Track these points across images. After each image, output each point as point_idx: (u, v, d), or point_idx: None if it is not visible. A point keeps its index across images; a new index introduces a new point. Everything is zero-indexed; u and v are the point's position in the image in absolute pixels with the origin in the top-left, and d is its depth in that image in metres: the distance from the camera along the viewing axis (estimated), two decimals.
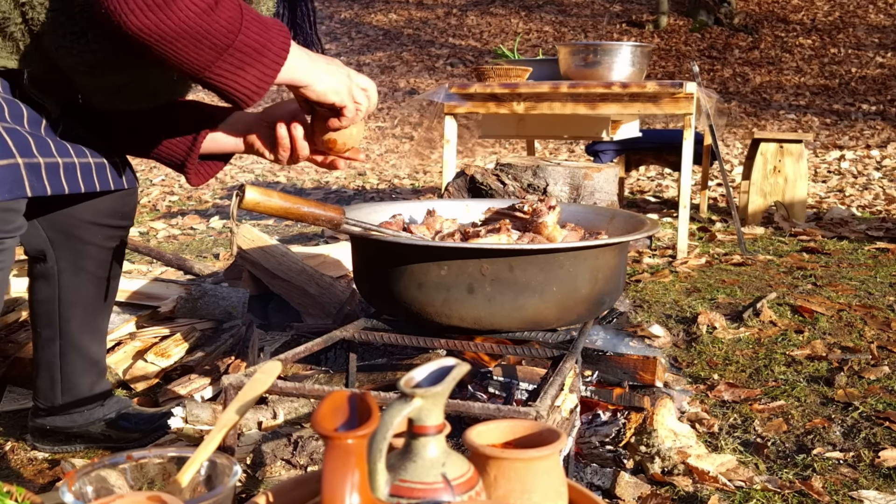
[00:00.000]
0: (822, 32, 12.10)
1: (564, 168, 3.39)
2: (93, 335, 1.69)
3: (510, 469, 0.80)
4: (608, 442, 1.63)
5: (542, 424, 0.86)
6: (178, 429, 1.57)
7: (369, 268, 1.64)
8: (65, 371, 1.68)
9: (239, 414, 0.98)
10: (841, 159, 7.31)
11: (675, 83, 3.51)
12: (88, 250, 1.62)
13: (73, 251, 1.61)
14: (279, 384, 1.30)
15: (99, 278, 1.65)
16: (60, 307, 1.64)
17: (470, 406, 1.20)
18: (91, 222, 1.60)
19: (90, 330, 1.69)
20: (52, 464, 1.71)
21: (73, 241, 1.60)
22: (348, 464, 0.69)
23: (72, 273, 1.62)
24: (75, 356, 1.68)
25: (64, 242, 1.60)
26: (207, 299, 2.33)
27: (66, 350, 1.67)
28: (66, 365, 1.68)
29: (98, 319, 1.70)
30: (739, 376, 2.20)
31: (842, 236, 4.15)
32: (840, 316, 2.66)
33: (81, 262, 1.62)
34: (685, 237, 3.64)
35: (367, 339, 1.62)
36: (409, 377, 0.78)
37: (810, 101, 10.09)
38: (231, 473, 0.85)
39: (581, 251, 1.51)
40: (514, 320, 1.51)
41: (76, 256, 1.61)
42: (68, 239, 1.60)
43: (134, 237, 4.29)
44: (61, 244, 1.60)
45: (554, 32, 12.88)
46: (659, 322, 2.59)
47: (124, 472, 0.87)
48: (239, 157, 8.15)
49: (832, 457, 1.72)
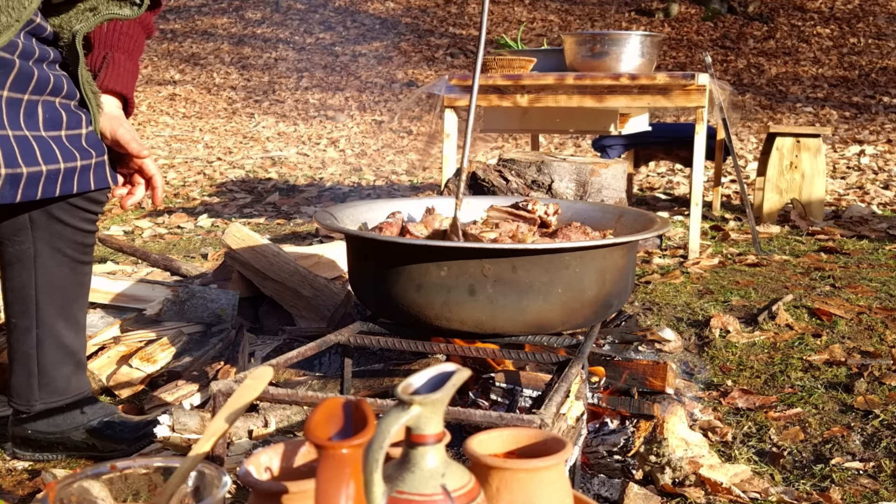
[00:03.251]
0: (840, 21, 12.10)
1: (570, 164, 3.39)
2: (69, 323, 1.73)
3: (513, 480, 0.80)
4: (616, 451, 1.63)
5: (546, 433, 0.86)
6: (165, 437, 1.57)
7: (365, 268, 1.64)
8: (42, 363, 1.71)
9: (228, 422, 0.98)
10: (861, 154, 7.31)
11: (686, 75, 3.51)
12: (66, 232, 1.67)
13: (52, 232, 1.66)
14: (271, 391, 1.30)
15: (75, 262, 1.71)
16: (37, 293, 1.68)
17: (471, 414, 1.20)
18: (70, 203, 1.66)
19: (66, 317, 1.72)
20: (32, 474, 1.71)
21: (53, 221, 1.66)
22: (343, 475, 0.69)
23: (49, 256, 1.67)
24: (52, 345, 1.71)
25: (44, 223, 1.65)
26: (195, 301, 2.33)
27: (42, 339, 1.70)
28: (43, 356, 1.71)
29: (74, 308, 1.74)
30: (754, 382, 2.20)
31: (862, 235, 4.14)
32: (860, 319, 2.66)
33: (58, 244, 1.67)
34: (697, 236, 3.64)
35: (363, 343, 1.62)
36: (406, 383, 0.78)
37: (828, 94, 10.10)
38: (220, 485, 0.85)
39: (588, 251, 1.51)
40: (517, 323, 1.51)
41: (54, 238, 1.67)
42: (48, 219, 1.65)
43: (118, 236, 4.29)
44: (41, 224, 1.65)
45: (559, 21, 12.88)
46: (669, 325, 2.59)
47: (108, 483, 0.87)
48: (227, 152, 8.17)
49: (851, 467, 1.72)
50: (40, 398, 1.72)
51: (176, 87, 11.41)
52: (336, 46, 12.55)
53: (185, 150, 8.28)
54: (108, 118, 1.63)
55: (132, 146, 1.61)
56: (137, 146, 1.62)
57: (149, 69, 12.01)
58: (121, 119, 1.64)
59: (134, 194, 1.68)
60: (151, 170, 1.66)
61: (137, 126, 9.62)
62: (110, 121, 1.62)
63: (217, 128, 9.70)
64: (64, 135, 1.55)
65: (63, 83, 1.57)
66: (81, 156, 1.56)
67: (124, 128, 1.62)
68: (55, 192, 1.53)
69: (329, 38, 12.87)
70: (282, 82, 11.52)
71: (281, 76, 11.74)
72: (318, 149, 8.41)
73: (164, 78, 11.81)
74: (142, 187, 1.68)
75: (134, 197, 1.68)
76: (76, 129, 1.57)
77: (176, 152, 8.13)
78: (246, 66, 12.17)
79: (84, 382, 1.79)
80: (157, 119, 10.07)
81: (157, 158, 7.64)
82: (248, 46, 12.88)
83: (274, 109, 10.52)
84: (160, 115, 10.25)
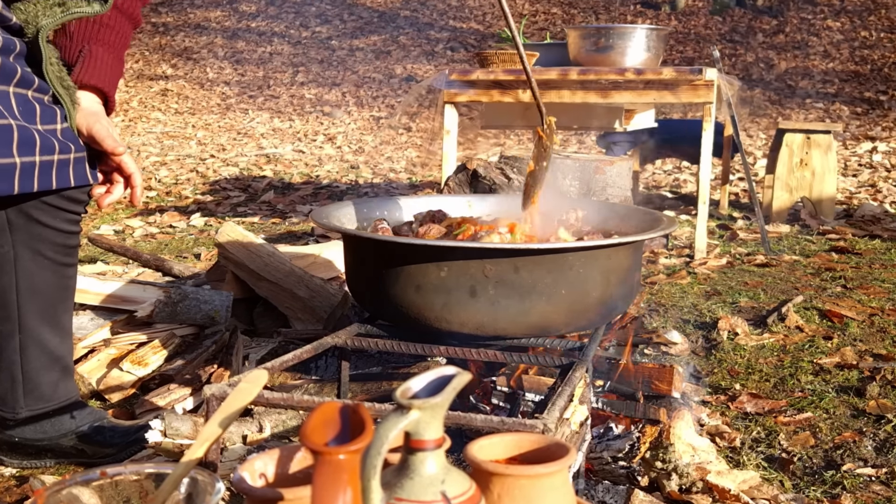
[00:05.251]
0: (852, 14, 12.10)
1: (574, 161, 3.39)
2: (53, 328, 1.72)
3: (515, 486, 0.80)
4: (621, 457, 1.63)
5: (549, 438, 0.86)
6: (157, 443, 1.57)
7: (363, 269, 1.64)
8: (26, 369, 1.70)
9: (222, 427, 0.98)
10: (873, 151, 7.31)
11: (693, 69, 3.51)
12: (46, 234, 1.66)
13: (31, 234, 1.65)
14: (265, 395, 1.30)
15: (57, 265, 1.69)
16: (19, 297, 1.67)
17: (472, 418, 1.20)
18: (49, 204, 1.64)
19: (51, 322, 1.71)
20: (20, 480, 1.71)
21: (32, 223, 1.64)
22: (340, 481, 0.69)
23: (29, 259, 1.66)
24: (36, 351, 1.70)
25: (23, 225, 1.64)
26: (188, 303, 2.34)
27: (26, 344, 1.69)
28: (27, 362, 1.70)
29: (59, 312, 1.73)
30: (763, 386, 2.20)
31: (874, 235, 4.15)
32: (872, 321, 2.66)
33: (39, 247, 1.66)
34: (704, 236, 3.65)
35: (361, 345, 1.62)
36: (405, 387, 0.78)
37: (839, 89, 10.10)
38: (213, 491, 0.85)
39: (592, 251, 1.51)
40: (519, 325, 1.51)
41: (34, 240, 1.65)
42: (27, 221, 1.64)
43: (108, 236, 4.29)
44: (20, 227, 1.64)
45: (563, 14, 12.88)
46: (676, 328, 2.59)
47: (98, 489, 0.87)
48: (221, 149, 8.17)
49: (863, 473, 1.72)
50: (26, 405, 1.72)
51: (168, 83, 11.41)
52: (333, 40, 12.55)
53: (178, 147, 8.28)
54: (85, 114, 1.60)
55: (107, 143, 1.59)
56: (112, 143, 1.59)
57: (140, 63, 12.01)
58: (98, 115, 1.62)
59: (112, 193, 1.66)
60: (130, 168, 1.64)
61: (128, 122, 9.63)
62: (87, 117, 1.60)
63: (210, 124, 9.70)
64: (39, 129, 1.52)
65: (33, 77, 1.54)
66: (59, 150, 1.53)
67: (101, 124, 1.60)
68: (32, 186, 1.49)
69: (325, 32, 12.88)
70: (277, 77, 11.52)
71: (276, 71, 11.74)
72: (315, 146, 8.42)
73: (155, 73, 11.81)
74: (120, 186, 1.66)
75: (112, 196, 1.65)
76: (51, 125, 1.54)
77: (168, 149, 8.13)
78: (240, 61, 12.17)
79: (72, 388, 1.78)
80: (149, 115, 10.07)
81: (149, 156, 7.65)
82: (243, 40, 12.88)
83: (269, 105, 10.52)
84: (151, 112, 10.25)
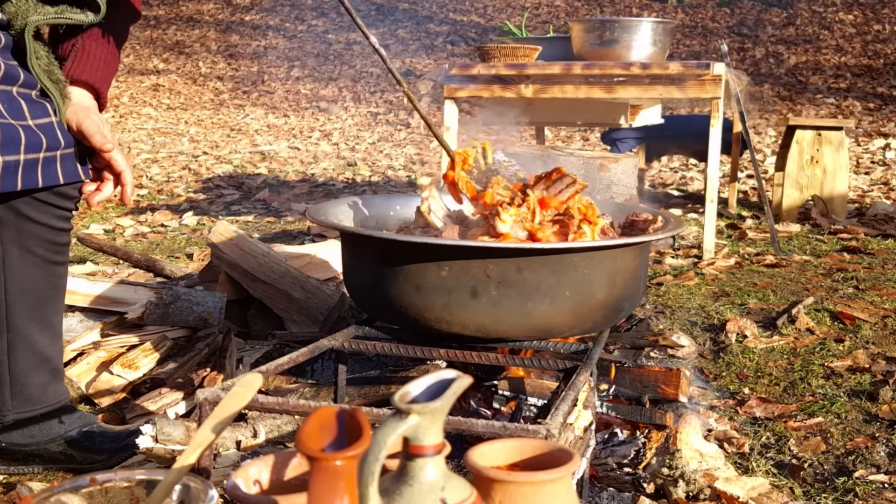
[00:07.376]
0: (864, 7, 12.10)
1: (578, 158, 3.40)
2: (42, 328, 1.72)
3: (517, 493, 0.80)
4: (626, 463, 1.63)
5: (552, 444, 0.86)
6: (148, 448, 1.57)
7: (361, 269, 1.64)
8: (13, 370, 1.70)
9: (215, 432, 0.98)
10: (886, 148, 7.31)
11: (701, 64, 3.51)
12: (36, 230, 1.66)
13: (21, 231, 1.65)
14: (260, 399, 1.30)
15: (47, 263, 1.69)
16: (7, 295, 1.67)
17: (472, 423, 1.20)
18: (39, 200, 1.64)
19: (40, 322, 1.71)
20: (6, 488, 1.71)
21: (21, 220, 1.64)
22: (337, 488, 0.69)
23: (18, 256, 1.66)
24: (25, 351, 1.70)
25: (11, 221, 1.64)
26: (180, 304, 2.33)
27: (14, 344, 1.69)
28: (15, 363, 1.70)
29: (49, 311, 1.73)
30: (773, 390, 2.20)
31: (887, 234, 4.14)
32: (885, 323, 2.66)
33: (28, 244, 1.66)
34: (712, 235, 3.64)
35: (358, 348, 1.62)
36: (404, 391, 0.78)
37: (851, 84, 10.10)
38: (206, 499, 0.85)
39: (597, 251, 1.51)
40: (522, 328, 1.51)
41: (23, 237, 1.65)
42: (16, 217, 1.64)
43: (98, 235, 4.29)
44: (8, 223, 1.64)
45: (566, 7, 12.88)
46: (683, 330, 2.59)
47: (87, 496, 0.87)
48: (214, 146, 8.17)
49: (876, 480, 1.72)
50: (13, 408, 1.72)
51: (159, 77, 11.41)
52: (329, 34, 12.55)
53: (170, 144, 8.29)
54: (75, 109, 1.60)
55: (95, 139, 1.59)
56: (101, 139, 1.59)
57: (131, 58, 12.01)
58: (89, 110, 1.62)
59: (102, 190, 1.66)
60: (120, 165, 1.64)
61: (118, 118, 9.63)
62: (77, 111, 1.60)
63: (203, 120, 9.70)
64: (27, 125, 1.52)
65: (18, 72, 1.54)
66: (47, 146, 1.54)
67: (91, 119, 1.60)
68: (16, 185, 1.49)
69: (322, 25, 12.88)
70: (272, 72, 11.52)
71: (271, 65, 11.74)
72: (311, 142, 8.42)
73: (146, 67, 11.81)
74: (110, 184, 1.66)
75: (102, 193, 1.66)
76: (39, 119, 1.55)
77: (159, 146, 8.13)
78: (234, 55, 12.18)
79: (61, 391, 1.78)
80: (140, 111, 10.07)
81: (140, 152, 7.65)
82: (236, 34, 12.89)
83: (263, 101, 10.52)
84: (143, 107, 10.26)
